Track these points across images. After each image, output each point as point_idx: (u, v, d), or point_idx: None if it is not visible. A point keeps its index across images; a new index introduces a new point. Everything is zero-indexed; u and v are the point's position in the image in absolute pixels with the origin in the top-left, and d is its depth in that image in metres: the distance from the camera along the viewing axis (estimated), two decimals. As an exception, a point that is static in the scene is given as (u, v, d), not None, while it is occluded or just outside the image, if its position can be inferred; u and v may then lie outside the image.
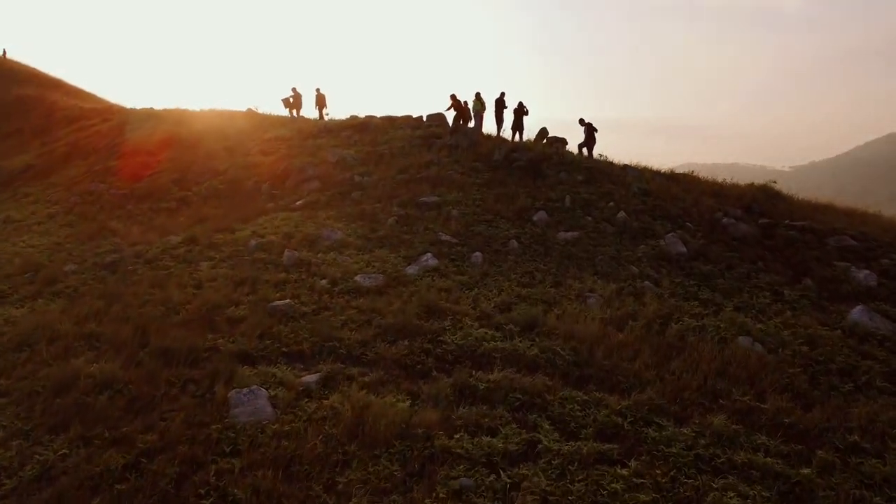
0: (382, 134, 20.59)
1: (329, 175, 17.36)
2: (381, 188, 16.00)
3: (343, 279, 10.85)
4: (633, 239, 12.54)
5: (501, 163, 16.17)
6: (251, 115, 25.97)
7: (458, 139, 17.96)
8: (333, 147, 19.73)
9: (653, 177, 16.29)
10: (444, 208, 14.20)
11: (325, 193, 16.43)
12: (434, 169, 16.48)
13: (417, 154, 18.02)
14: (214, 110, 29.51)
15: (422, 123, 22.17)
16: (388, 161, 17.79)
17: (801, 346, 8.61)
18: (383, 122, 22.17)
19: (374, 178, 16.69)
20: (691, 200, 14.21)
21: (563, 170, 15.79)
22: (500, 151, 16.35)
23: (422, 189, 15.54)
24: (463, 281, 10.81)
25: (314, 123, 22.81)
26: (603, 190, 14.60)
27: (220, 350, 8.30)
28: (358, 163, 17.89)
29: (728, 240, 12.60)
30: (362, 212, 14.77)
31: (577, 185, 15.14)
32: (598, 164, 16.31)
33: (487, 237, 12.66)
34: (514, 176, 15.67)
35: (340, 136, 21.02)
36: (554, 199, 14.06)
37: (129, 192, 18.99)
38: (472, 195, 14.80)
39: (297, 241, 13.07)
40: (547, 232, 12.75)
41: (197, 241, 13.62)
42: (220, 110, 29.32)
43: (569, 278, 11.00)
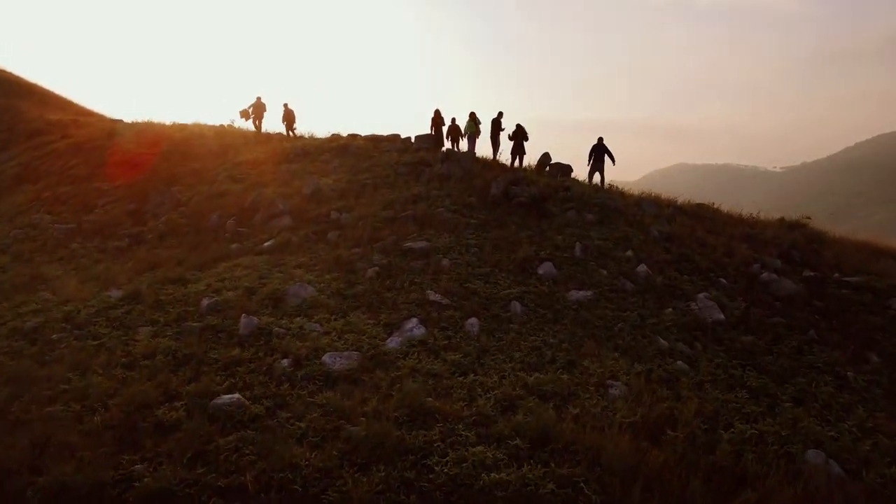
0: (365, 159, 18.74)
1: (303, 210, 15.47)
2: (362, 228, 14.14)
3: (309, 358, 9.01)
4: (657, 299, 10.72)
5: (500, 198, 14.33)
6: (224, 133, 24.01)
7: (450, 167, 16.12)
8: (310, 174, 17.84)
9: (672, 213, 14.52)
10: (433, 256, 12.34)
11: (297, 233, 14.56)
12: (422, 205, 14.62)
13: (404, 185, 16.17)
14: (186, 126, 27.55)
15: (409, 145, 20.34)
16: (371, 193, 15.93)
17: (890, 468, 6.80)
18: (366, 144, 20.31)
19: (353, 214, 14.81)
20: (721, 247, 12.43)
21: (571, 207, 13.98)
22: (498, 185, 14.50)
23: (408, 230, 13.69)
24: (456, 360, 8.98)
25: (290, 145, 20.87)
26: (618, 234, 12.78)
27: (135, 486, 6.37)
28: (336, 195, 16.01)
29: (770, 300, 10.81)
30: (338, 259, 12.90)
31: (587, 226, 13.32)
32: (611, 201, 14.49)
33: (485, 297, 10.80)
34: (515, 215, 13.83)
35: (318, 160, 19.14)
36: (562, 247, 12.23)
37: (76, 227, 17.02)
38: (466, 239, 12.96)
39: (260, 299, 11.19)
40: (555, 290, 10.90)
41: (142, 297, 11.72)
42: (194, 125, 27.35)
43: (585, 356, 9.16)
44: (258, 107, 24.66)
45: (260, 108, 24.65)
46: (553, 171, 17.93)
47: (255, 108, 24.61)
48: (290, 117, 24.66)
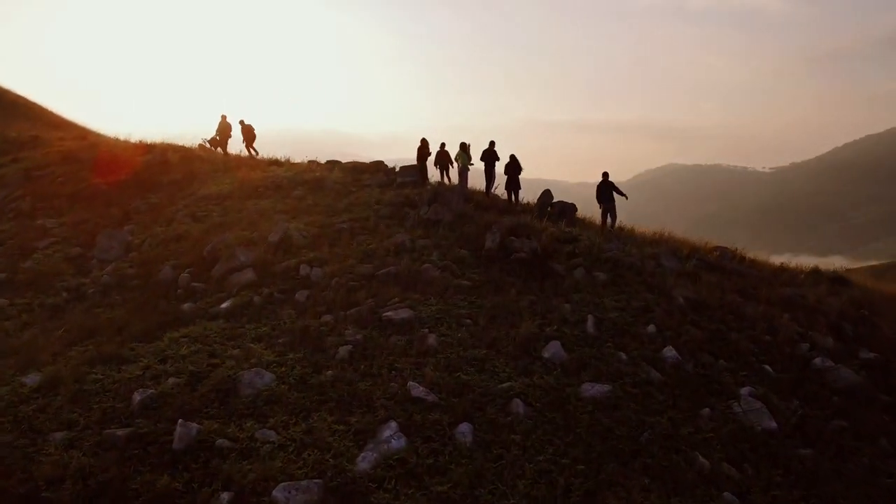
0: (343, 196, 16.78)
1: (268, 262, 13.50)
2: (335, 288, 12.20)
3: (256, 492, 7.06)
4: (691, 396, 8.84)
5: (496, 253, 12.43)
6: (190, 159, 21.91)
7: (439, 211, 14.19)
8: (280, 214, 15.86)
9: (695, 268, 12.66)
10: (417, 331, 10.42)
11: (260, 292, 12.59)
12: (406, 258, 12.70)
13: (385, 231, 14.24)
14: (154, 146, 25.36)
15: (392, 178, 18.40)
16: (347, 241, 13.98)
17: None
18: (344, 177, 18.38)
19: (326, 269, 12.86)
20: (760, 319, 10.57)
21: (579, 264, 12.09)
22: (494, 236, 12.58)
23: (388, 292, 11.75)
24: (443, 494, 7.05)
25: (261, 176, 18.84)
26: (637, 302, 10.91)
27: None
28: (307, 243, 14.06)
29: (827, 395, 8.99)
30: (305, 330, 10.94)
31: (599, 290, 11.44)
32: (624, 255, 12.61)
33: (479, 392, 8.89)
34: (514, 275, 11.94)
35: (290, 196, 17.16)
36: (571, 321, 10.33)
37: (9, 277, 14.89)
38: (456, 307, 11.04)
39: (205, 391, 9.25)
40: (565, 382, 9.01)
41: (61, 385, 9.76)
42: (161, 145, 25.15)
43: (606, 485, 7.25)
44: (223, 128, 22.88)
45: (225, 129, 22.86)
46: (555, 212, 16.06)
47: (220, 129, 22.85)
48: (248, 134, 23.06)
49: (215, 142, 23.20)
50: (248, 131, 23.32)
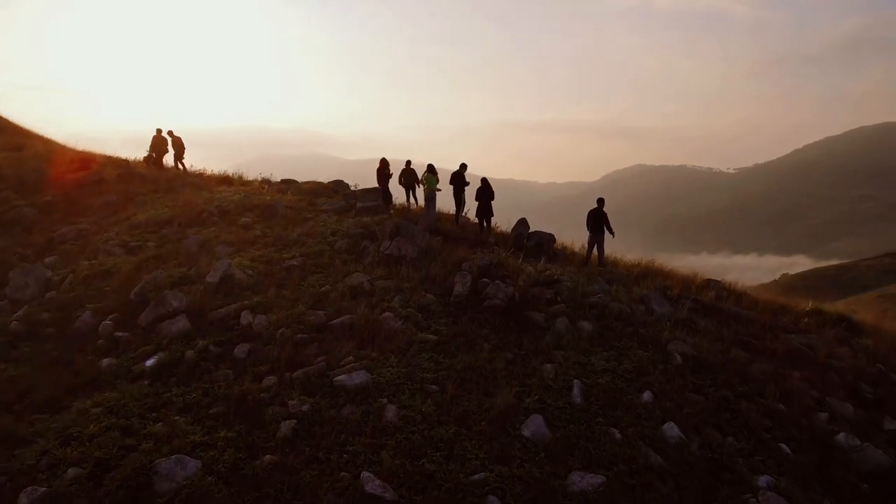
0: (296, 224, 15.07)
1: (205, 307, 11.78)
2: (281, 342, 10.54)
3: None
4: (700, 487, 7.43)
5: (467, 299, 10.90)
6: (129, 177, 19.88)
7: (402, 246, 12.59)
8: (224, 246, 14.10)
9: (690, 314, 11.31)
10: (375, 400, 8.87)
11: (193, 344, 10.91)
12: (363, 304, 11.11)
13: (341, 268, 12.62)
14: (93, 157, 23.13)
15: (352, 203, 16.73)
16: (297, 282, 12.31)
17: None
18: (298, 201, 16.64)
19: (271, 317, 11.19)
20: (770, 381, 9.22)
21: (562, 312, 10.61)
22: (465, 280, 11.05)
23: (342, 348, 10.16)
24: None
25: (206, 199, 16.97)
26: (629, 361, 9.50)
27: None
28: (252, 283, 12.34)
29: (854, 481, 7.68)
30: (243, 398, 9.28)
31: (584, 344, 10.01)
32: (612, 300, 11.18)
33: (448, 489, 7.37)
34: (488, 326, 10.43)
35: (237, 223, 15.37)
36: (555, 387, 8.89)
37: None
38: (421, 368, 9.50)
39: (114, 486, 7.58)
40: (550, 472, 7.55)
41: (-66, 480, 7.82)
42: (101, 158, 22.94)
43: None
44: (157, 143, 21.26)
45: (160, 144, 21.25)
46: (532, 244, 14.58)
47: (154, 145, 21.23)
48: (178, 147, 21.48)
49: (150, 159, 21.49)
50: (177, 144, 21.79)
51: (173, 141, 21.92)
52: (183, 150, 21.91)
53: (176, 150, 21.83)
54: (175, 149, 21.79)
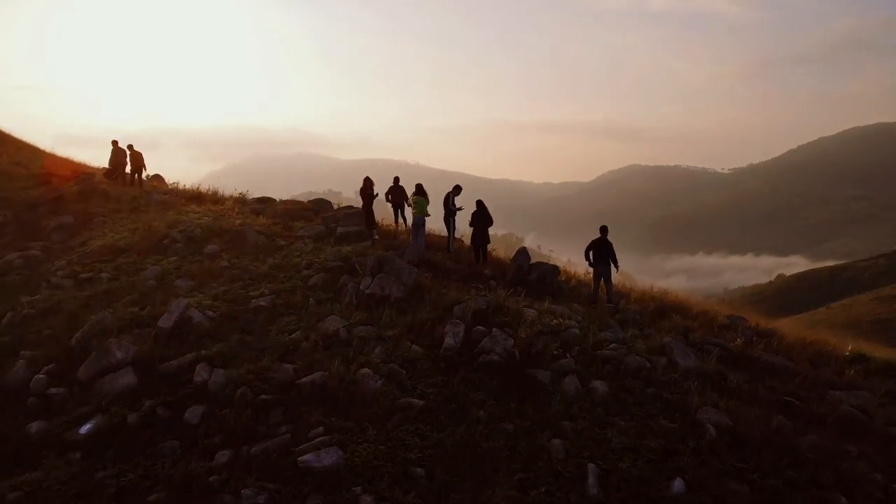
0: (267, 253, 13.47)
1: (156, 358, 10.14)
2: (240, 405, 8.99)
3: None
4: None
5: (459, 354, 9.25)
6: (89, 194, 18.13)
7: (385, 284, 10.96)
8: (183, 279, 12.43)
9: (717, 366, 9.72)
10: (346, 488, 7.26)
11: (139, 405, 9.35)
12: (339, 357, 9.50)
13: (315, 310, 11.01)
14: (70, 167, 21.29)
15: (332, 228, 15.07)
16: (264, 327, 10.71)
17: None
18: (273, 225, 15.01)
19: (231, 372, 9.59)
20: (824, 464, 7.62)
21: (570, 368, 8.99)
22: (457, 331, 9.43)
23: (311, 416, 8.61)
24: None
25: (168, 223, 15.27)
26: (654, 437, 7.92)
27: None
28: (213, 327, 10.75)
29: None
30: (188, 482, 7.86)
31: (598, 411, 8.44)
32: (628, 353, 9.57)
33: None
34: (483, 387, 8.83)
35: (202, 252, 13.74)
36: (565, 473, 7.28)
37: None
38: (404, 444, 7.93)
39: None
40: None
41: None
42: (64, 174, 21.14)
43: None
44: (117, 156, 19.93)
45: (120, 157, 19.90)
46: (533, 278, 12.95)
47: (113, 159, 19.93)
48: (137, 162, 20.41)
49: (110, 172, 20.07)
50: (135, 158, 20.36)
51: (132, 155, 20.41)
52: (141, 166, 20.49)
53: (133, 165, 20.34)
54: (133, 163, 20.32)
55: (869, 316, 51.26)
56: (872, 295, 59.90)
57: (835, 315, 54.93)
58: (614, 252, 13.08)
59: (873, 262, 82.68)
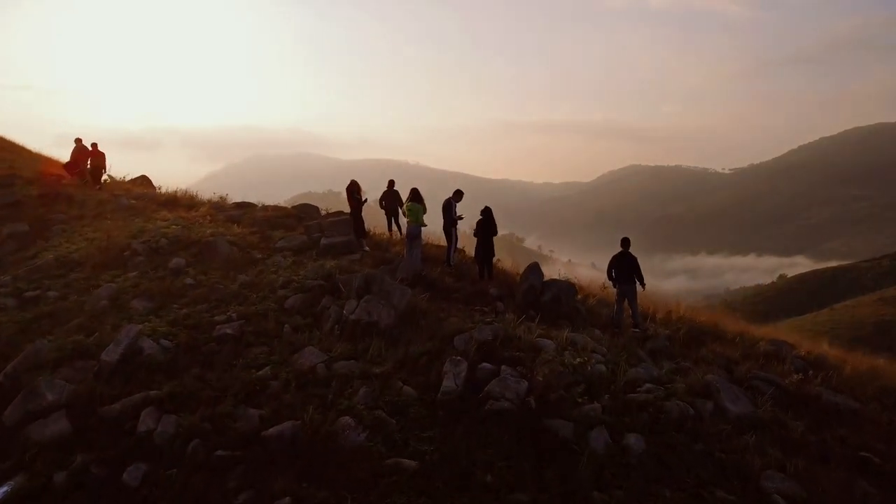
0: (240, 268, 11.75)
1: (95, 400, 8.38)
2: (190, 465, 7.27)
3: None
4: None
5: (460, 399, 7.51)
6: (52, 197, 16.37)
7: (373, 309, 9.21)
8: (140, 299, 10.70)
9: (776, 407, 7.99)
10: None
11: (69, 461, 7.72)
12: (315, 402, 7.80)
13: (291, 339, 9.28)
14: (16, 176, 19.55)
15: (315, 238, 13.30)
16: (228, 360, 8.99)
17: None
18: (249, 234, 13.27)
19: (184, 420, 7.95)
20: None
21: (597, 419, 7.25)
22: (458, 370, 7.69)
23: (276, 481, 6.87)
24: None
25: (131, 233, 13.52)
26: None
27: None
28: (165, 363, 9.03)
29: None
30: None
31: (635, 478, 6.70)
32: (663, 395, 7.81)
33: None
34: (491, 442, 7.12)
35: (166, 266, 11.97)
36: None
37: None
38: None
39: None
40: None
41: None
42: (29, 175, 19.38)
43: None
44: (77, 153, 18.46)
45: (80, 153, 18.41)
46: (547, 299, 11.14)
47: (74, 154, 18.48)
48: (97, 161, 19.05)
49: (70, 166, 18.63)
50: (96, 157, 18.84)
51: (93, 154, 18.81)
52: (102, 166, 18.93)
53: (93, 165, 18.75)
54: (92, 163, 18.77)
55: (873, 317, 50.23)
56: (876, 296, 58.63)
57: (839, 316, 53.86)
58: (639, 268, 11.32)
59: (876, 262, 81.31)
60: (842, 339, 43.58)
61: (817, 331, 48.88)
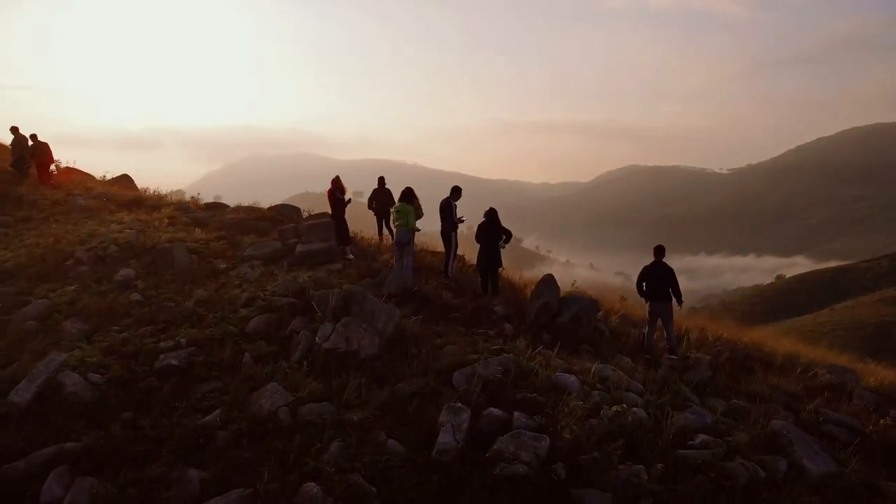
0: (198, 281, 9.93)
1: None
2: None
3: None
4: None
5: (461, 458, 5.71)
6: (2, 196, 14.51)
7: (352, 335, 7.41)
8: (75, 320, 8.87)
9: (865, 468, 6.20)
10: None
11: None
12: (273, 460, 5.95)
13: (251, 372, 7.48)
14: None
15: (293, 242, 11.48)
16: (169, 400, 7.19)
17: None
18: (214, 240, 11.42)
19: (98, 488, 5.98)
20: None
21: (639, 484, 5.46)
22: (458, 421, 5.89)
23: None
24: None
25: (85, 233, 11.70)
26: None
27: None
28: (91, 405, 7.19)
29: None
30: None
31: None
32: (716, 449, 6.00)
33: None
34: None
35: (111, 280, 10.11)
36: None
37: None
38: None
39: None
40: None
41: None
42: None
43: None
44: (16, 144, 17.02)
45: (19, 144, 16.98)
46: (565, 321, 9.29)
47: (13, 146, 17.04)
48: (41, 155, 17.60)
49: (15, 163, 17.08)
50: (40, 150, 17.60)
51: (35, 146, 17.17)
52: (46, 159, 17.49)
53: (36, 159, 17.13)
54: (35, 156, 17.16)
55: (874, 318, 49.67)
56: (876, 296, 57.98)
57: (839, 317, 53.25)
58: (676, 281, 9.48)
59: (876, 263, 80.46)
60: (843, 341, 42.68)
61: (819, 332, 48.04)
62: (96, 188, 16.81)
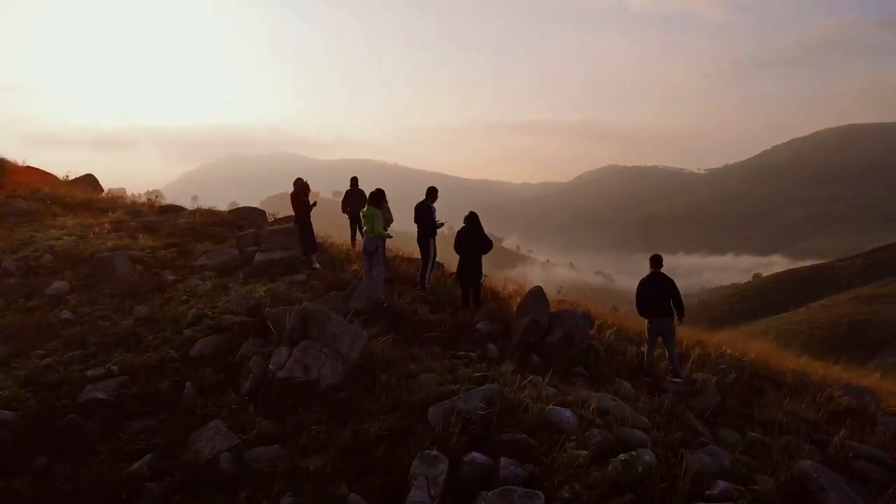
0: (141, 295, 8.80)
1: None
2: None
3: None
4: None
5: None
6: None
7: (312, 357, 6.35)
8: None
9: None
10: None
11: None
12: (209, 523, 4.82)
13: (189, 411, 6.33)
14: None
15: (251, 250, 10.39)
16: (90, 445, 6.01)
17: None
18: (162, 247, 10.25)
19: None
20: None
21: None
22: (434, 473, 4.87)
23: None
24: None
25: (22, 239, 10.45)
26: None
27: None
28: (0, 447, 5.94)
29: None
30: None
31: None
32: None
33: None
34: None
35: (42, 295, 8.91)
36: None
37: None
38: None
39: None
40: None
41: None
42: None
43: None
44: None
45: None
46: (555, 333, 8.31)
47: None
48: None
49: None
50: None
51: None
52: None
53: None
54: None
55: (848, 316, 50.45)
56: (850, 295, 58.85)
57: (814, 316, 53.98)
58: (678, 294, 8.57)
59: (850, 262, 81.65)
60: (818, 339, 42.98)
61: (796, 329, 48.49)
62: (44, 189, 15.46)
